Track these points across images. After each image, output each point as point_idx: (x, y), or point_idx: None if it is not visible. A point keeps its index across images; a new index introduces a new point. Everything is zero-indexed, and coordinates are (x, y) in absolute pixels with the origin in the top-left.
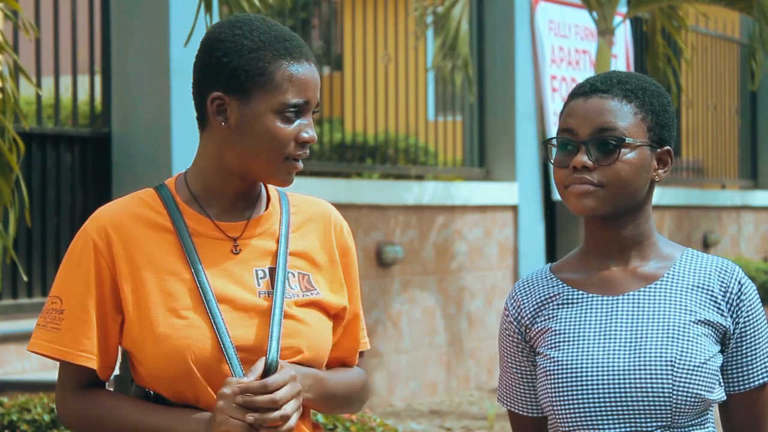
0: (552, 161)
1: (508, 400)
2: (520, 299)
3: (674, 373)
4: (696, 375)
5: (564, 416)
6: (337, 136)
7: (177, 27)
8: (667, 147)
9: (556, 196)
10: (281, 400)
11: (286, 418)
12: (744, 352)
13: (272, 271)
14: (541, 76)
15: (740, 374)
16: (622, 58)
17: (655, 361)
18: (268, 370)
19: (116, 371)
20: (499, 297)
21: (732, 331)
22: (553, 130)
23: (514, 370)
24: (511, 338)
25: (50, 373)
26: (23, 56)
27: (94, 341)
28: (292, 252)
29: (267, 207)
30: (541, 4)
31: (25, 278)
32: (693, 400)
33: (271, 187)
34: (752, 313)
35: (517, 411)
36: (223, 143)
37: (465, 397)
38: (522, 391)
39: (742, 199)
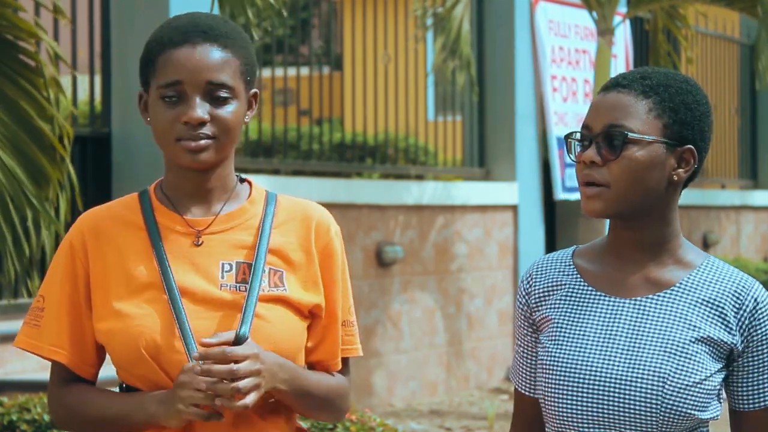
0: (571, 157)
1: (514, 374)
2: (534, 279)
3: (665, 390)
4: (688, 394)
5: (553, 412)
6: (337, 136)
7: None
8: (689, 146)
9: (557, 196)
10: (238, 372)
11: (235, 390)
12: (756, 370)
13: (240, 265)
14: (542, 76)
15: (750, 392)
16: (621, 58)
17: (649, 375)
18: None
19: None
20: (499, 297)
21: (741, 350)
22: (554, 130)
23: (520, 344)
24: (521, 312)
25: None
26: None
27: (65, 336)
28: (269, 248)
29: (244, 203)
30: (541, 4)
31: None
32: (682, 417)
33: (256, 186)
34: (767, 332)
35: (519, 389)
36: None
37: (465, 397)
38: (524, 368)
39: (742, 199)
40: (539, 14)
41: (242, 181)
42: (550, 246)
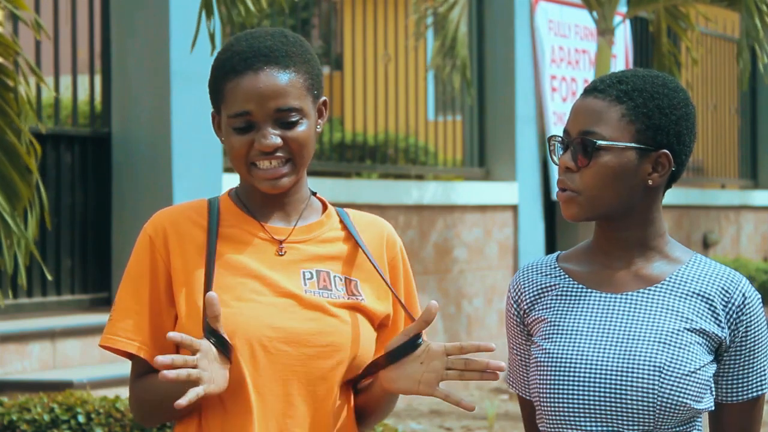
0: (554, 160)
1: (512, 381)
2: (522, 285)
3: (661, 380)
4: (683, 383)
5: (549, 408)
6: (337, 136)
7: (177, 27)
8: (664, 150)
9: (553, 195)
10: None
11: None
12: (741, 363)
13: (320, 273)
14: (541, 76)
15: (734, 385)
16: (621, 58)
17: (644, 365)
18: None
19: None
20: (499, 297)
21: (728, 343)
22: (552, 130)
23: (515, 351)
24: (512, 320)
25: (50, 373)
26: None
27: (146, 332)
28: (345, 258)
29: (321, 216)
30: (541, 4)
31: (50, 277)
32: (678, 407)
33: (326, 200)
34: (753, 326)
35: (519, 393)
36: None
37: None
38: (522, 373)
39: (742, 199)
40: (539, 14)
41: (313, 194)
42: (550, 246)
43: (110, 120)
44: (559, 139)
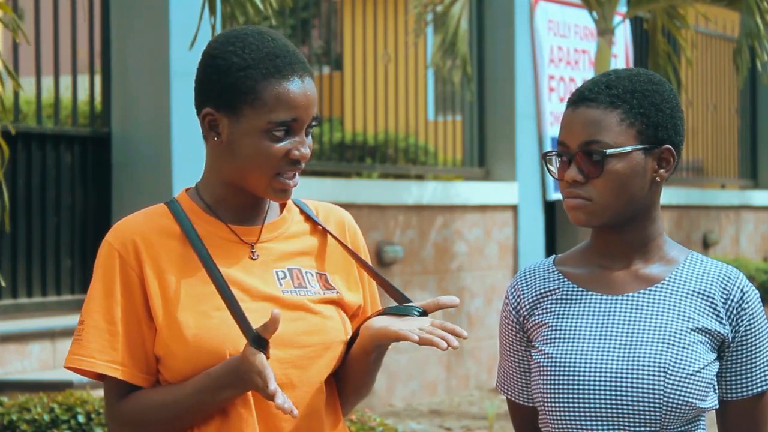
0: (553, 174)
1: (506, 387)
2: (520, 290)
3: (666, 380)
4: (688, 383)
5: (554, 413)
6: (337, 136)
7: (177, 27)
8: (667, 146)
9: (549, 196)
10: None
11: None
12: (744, 359)
13: (292, 271)
14: (539, 76)
15: (739, 381)
16: (622, 58)
17: (648, 366)
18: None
19: None
20: (499, 297)
21: (731, 340)
22: (549, 130)
23: (512, 358)
24: (509, 327)
25: (50, 373)
26: (23, 56)
27: (120, 351)
28: (313, 253)
29: (281, 212)
30: (541, 4)
31: (2, 284)
32: (684, 407)
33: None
34: (753, 322)
35: (514, 399)
36: (220, 158)
37: (465, 397)
38: (519, 379)
39: (742, 199)
40: (539, 14)
41: None
42: (550, 246)
43: (110, 120)
44: (555, 152)
